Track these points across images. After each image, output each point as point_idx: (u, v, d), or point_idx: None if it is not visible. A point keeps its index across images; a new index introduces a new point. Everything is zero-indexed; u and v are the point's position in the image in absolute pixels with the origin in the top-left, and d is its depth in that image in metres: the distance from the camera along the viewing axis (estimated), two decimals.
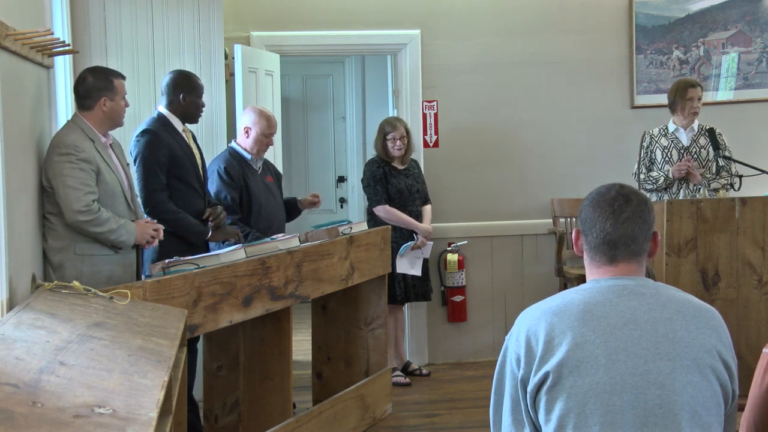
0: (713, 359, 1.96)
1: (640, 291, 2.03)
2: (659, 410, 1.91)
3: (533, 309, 2.07)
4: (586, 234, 2.10)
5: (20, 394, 1.88)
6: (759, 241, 4.49)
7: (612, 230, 2.05)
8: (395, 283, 5.50)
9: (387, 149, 5.55)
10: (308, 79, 8.63)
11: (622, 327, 1.96)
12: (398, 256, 5.45)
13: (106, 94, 3.72)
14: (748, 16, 6.22)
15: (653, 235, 2.10)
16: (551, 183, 6.12)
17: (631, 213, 2.06)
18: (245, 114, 4.87)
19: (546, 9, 6.10)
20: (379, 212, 5.51)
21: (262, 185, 4.82)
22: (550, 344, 1.97)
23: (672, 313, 2.00)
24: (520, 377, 2.00)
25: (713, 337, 1.99)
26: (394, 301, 5.51)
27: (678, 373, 1.93)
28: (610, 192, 2.09)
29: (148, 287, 3.26)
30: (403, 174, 5.61)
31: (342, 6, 5.92)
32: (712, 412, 1.95)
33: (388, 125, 5.57)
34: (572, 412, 1.93)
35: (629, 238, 2.05)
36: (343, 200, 8.70)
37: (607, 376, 1.92)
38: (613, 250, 2.06)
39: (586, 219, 2.10)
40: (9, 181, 2.85)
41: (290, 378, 4.13)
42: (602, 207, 2.07)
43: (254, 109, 4.88)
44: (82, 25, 4.85)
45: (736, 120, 6.11)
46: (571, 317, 1.98)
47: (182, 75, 4.38)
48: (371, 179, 5.54)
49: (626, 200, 2.07)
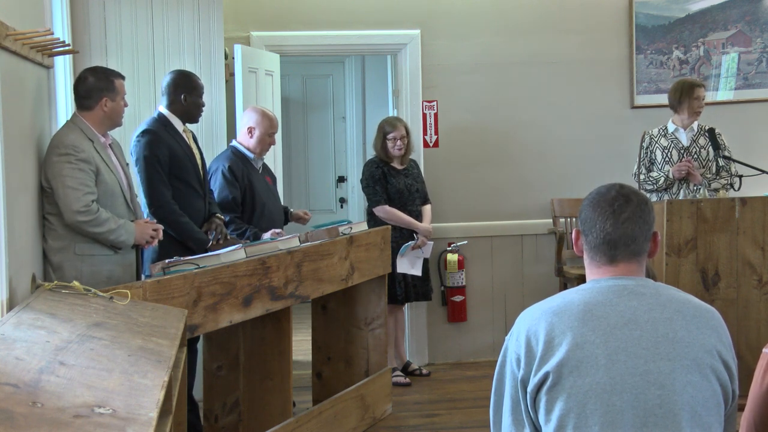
0: (713, 359, 1.96)
1: (640, 291, 2.02)
2: (659, 410, 1.91)
3: (533, 309, 2.07)
4: (586, 234, 2.10)
5: (20, 394, 1.88)
6: (759, 241, 4.49)
7: (612, 230, 2.05)
8: (395, 282, 5.50)
9: (387, 149, 5.54)
10: (308, 79, 8.63)
11: (622, 327, 1.96)
12: (399, 255, 5.45)
13: (107, 95, 3.72)
14: (748, 16, 6.22)
15: (653, 235, 2.10)
16: (551, 183, 6.12)
17: (632, 213, 2.05)
18: (247, 114, 4.87)
19: (546, 9, 6.10)
20: (379, 212, 5.51)
21: (264, 185, 4.83)
22: (550, 344, 1.96)
23: (672, 313, 2.00)
24: (520, 377, 2.00)
25: (713, 337, 1.99)
26: (395, 300, 5.51)
27: (678, 373, 1.93)
28: (610, 192, 2.09)
29: (148, 287, 3.26)
30: (402, 174, 5.61)
31: (342, 6, 5.92)
32: (712, 413, 1.94)
33: (388, 125, 5.56)
34: (572, 412, 1.92)
35: (629, 238, 2.05)
36: (343, 200, 8.70)
37: (607, 376, 1.92)
38: (613, 250, 2.06)
39: (586, 219, 2.10)
40: (9, 181, 2.85)
41: (290, 378, 4.13)
42: (602, 207, 2.07)
43: (256, 109, 4.89)
44: (82, 25, 4.85)
45: (736, 120, 6.11)
46: (572, 317, 1.98)
47: (183, 75, 4.38)
48: (370, 180, 5.54)
49: (626, 200, 2.07)
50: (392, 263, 5.25)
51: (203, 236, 4.27)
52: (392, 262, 5.25)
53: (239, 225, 4.61)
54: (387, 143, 5.54)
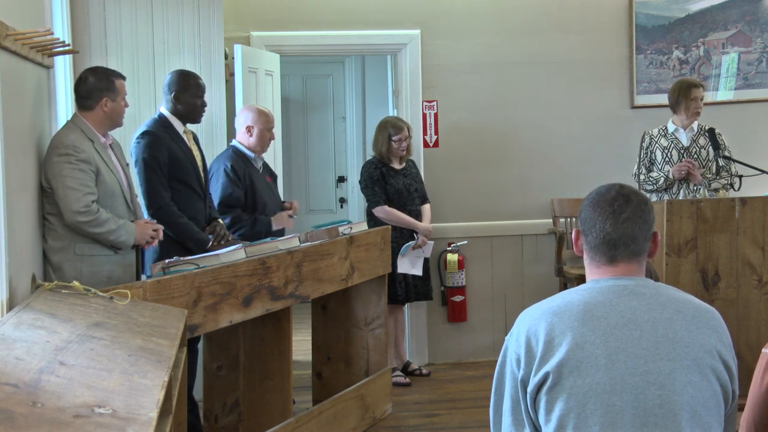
0: (713, 359, 1.96)
1: (640, 291, 2.02)
2: (659, 410, 1.91)
3: (533, 309, 2.07)
4: (586, 234, 2.10)
5: (20, 394, 1.88)
6: (759, 241, 4.49)
7: (612, 230, 2.05)
8: (396, 282, 5.51)
9: (391, 149, 5.54)
10: (308, 79, 8.63)
11: (623, 327, 1.96)
12: (399, 256, 5.45)
13: (108, 95, 3.72)
14: (748, 16, 6.22)
15: (653, 235, 2.10)
16: (551, 183, 6.12)
17: (632, 213, 2.05)
18: (242, 114, 4.89)
19: (546, 9, 6.10)
20: (378, 213, 5.51)
21: (265, 184, 4.84)
22: (550, 344, 1.96)
23: (672, 313, 1.99)
24: (520, 377, 2.00)
25: (713, 338, 1.99)
26: (395, 300, 5.52)
27: (678, 373, 1.93)
28: (610, 192, 2.09)
29: (148, 287, 3.26)
30: (401, 174, 5.61)
31: (342, 6, 5.92)
32: (712, 413, 1.95)
33: (393, 127, 5.55)
34: (572, 413, 1.93)
35: (629, 238, 2.05)
36: (343, 200, 8.70)
37: (607, 376, 1.92)
38: (613, 250, 2.05)
39: (586, 219, 2.09)
40: (9, 181, 2.85)
41: (290, 378, 4.13)
42: (602, 207, 2.07)
43: (251, 108, 4.91)
44: (82, 25, 4.85)
45: (736, 120, 6.11)
46: (571, 317, 1.98)
47: (177, 74, 4.36)
48: (369, 180, 5.54)
49: (626, 200, 2.07)
50: (392, 263, 5.25)
51: (203, 236, 4.27)
52: (392, 263, 5.25)
53: (238, 217, 4.64)
54: (392, 144, 5.53)
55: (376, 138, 5.62)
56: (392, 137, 5.52)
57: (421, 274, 5.61)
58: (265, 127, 4.81)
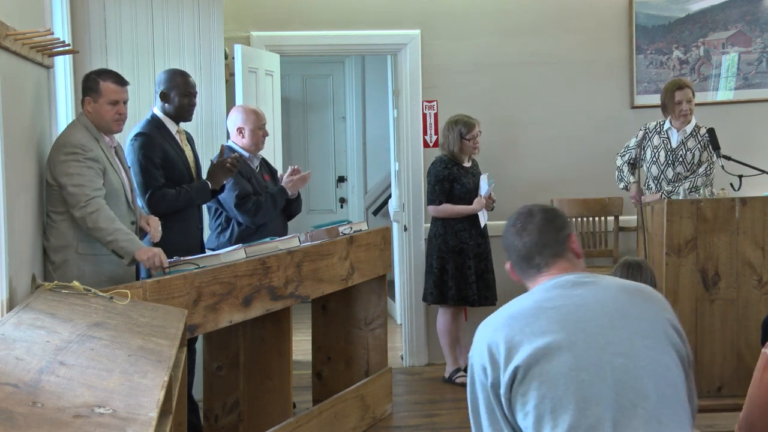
0: (664, 325, 2.12)
1: (582, 281, 2.17)
2: (626, 377, 2.02)
3: (489, 320, 2.18)
4: (510, 259, 2.28)
5: (20, 394, 1.88)
6: (759, 241, 4.49)
7: (522, 246, 2.23)
8: (467, 284, 5.50)
9: (464, 148, 5.52)
10: (308, 79, 8.63)
11: (575, 311, 2.09)
12: (479, 197, 5.48)
13: (90, 95, 3.67)
14: (748, 16, 6.22)
15: (568, 236, 2.25)
16: (551, 183, 6.12)
17: (535, 224, 2.23)
18: (231, 116, 4.83)
19: (546, 9, 6.10)
20: (432, 211, 5.54)
21: (262, 183, 4.83)
22: (511, 346, 2.06)
23: (616, 293, 2.16)
24: (490, 383, 2.08)
25: (658, 307, 2.16)
26: (465, 302, 5.51)
27: (635, 341, 2.07)
28: (515, 216, 2.29)
29: (148, 287, 3.27)
30: (470, 173, 5.61)
31: (342, 6, 5.92)
32: (675, 373, 2.07)
33: (464, 125, 5.51)
34: (547, 398, 2.00)
35: (540, 246, 2.22)
36: (343, 200, 8.71)
37: (572, 355, 2.03)
38: (532, 260, 2.23)
39: (506, 246, 2.29)
40: (9, 180, 2.85)
41: (290, 378, 4.14)
42: (510, 231, 2.27)
43: (239, 109, 4.87)
44: (82, 25, 4.85)
45: (736, 120, 6.11)
46: (527, 317, 2.10)
47: (164, 73, 4.36)
48: (434, 178, 5.53)
49: (528, 215, 2.26)
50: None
51: (200, 183, 4.30)
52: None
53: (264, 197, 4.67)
54: (465, 142, 5.51)
55: (446, 137, 5.57)
56: (464, 136, 5.51)
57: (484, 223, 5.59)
58: (255, 125, 4.77)
